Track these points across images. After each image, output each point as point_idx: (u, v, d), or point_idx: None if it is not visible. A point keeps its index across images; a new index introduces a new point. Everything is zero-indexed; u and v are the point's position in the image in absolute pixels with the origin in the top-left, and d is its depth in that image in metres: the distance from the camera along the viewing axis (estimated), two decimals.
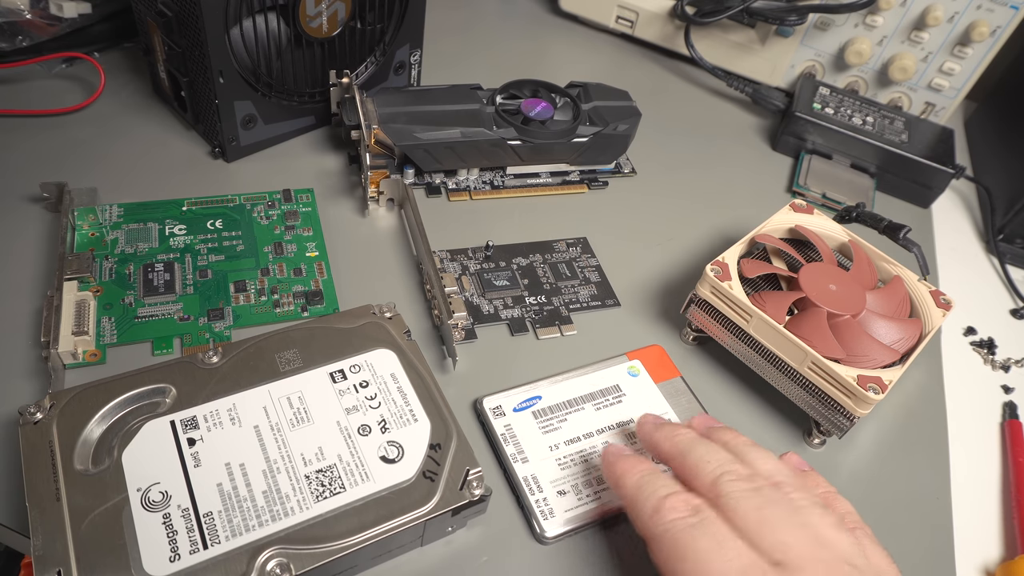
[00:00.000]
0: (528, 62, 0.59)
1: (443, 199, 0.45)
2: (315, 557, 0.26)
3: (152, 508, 0.26)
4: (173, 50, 0.40)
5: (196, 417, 0.29)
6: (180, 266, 0.37)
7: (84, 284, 0.35)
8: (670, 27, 0.60)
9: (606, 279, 0.42)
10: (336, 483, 0.28)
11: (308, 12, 0.41)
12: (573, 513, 0.31)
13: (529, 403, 0.34)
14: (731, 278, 0.35)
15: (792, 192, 0.51)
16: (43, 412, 0.28)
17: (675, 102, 0.58)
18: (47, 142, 0.43)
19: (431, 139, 0.42)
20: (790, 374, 0.34)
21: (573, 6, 0.63)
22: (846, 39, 0.56)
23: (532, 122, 0.45)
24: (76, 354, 0.33)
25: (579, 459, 0.33)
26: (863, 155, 0.52)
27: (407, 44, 0.48)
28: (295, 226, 0.41)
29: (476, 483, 0.29)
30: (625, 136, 0.47)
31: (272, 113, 0.44)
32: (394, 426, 0.30)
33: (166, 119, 0.46)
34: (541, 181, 0.47)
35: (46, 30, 0.45)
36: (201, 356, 0.31)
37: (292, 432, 0.29)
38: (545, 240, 0.43)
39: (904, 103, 0.58)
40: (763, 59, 0.59)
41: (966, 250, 0.53)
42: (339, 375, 0.31)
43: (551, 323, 0.39)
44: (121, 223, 0.39)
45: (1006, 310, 0.49)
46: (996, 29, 0.52)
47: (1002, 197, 0.54)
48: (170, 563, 0.25)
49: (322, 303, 0.37)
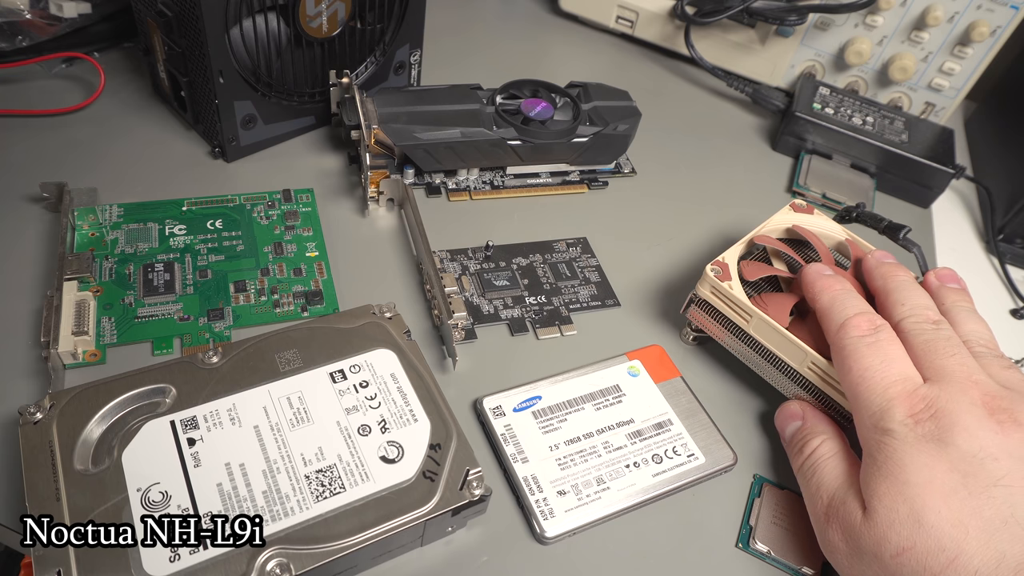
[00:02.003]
0: (528, 62, 0.59)
1: (443, 199, 0.45)
2: (315, 557, 0.26)
3: (152, 508, 0.26)
4: (173, 50, 0.40)
5: (196, 417, 0.29)
6: (180, 266, 0.37)
7: (84, 284, 0.35)
8: (670, 27, 0.60)
9: (606, 279, 0.42)
10: (336, 483, 0.28)
11: (308, 12, 0.41)
12: (573, 513, 0.31)
13: (529, 403, 0.34)
14: (731, 278, 0.35)
15: (792, 192, 0.51)
16: (43, 412, 0.28)
17: (675, 102, 0.58)
18: (47, 142, 0.43)
19: (431, 139, 0.42)
20: (790, 374, 0.34)
21: (573, 6, 0.63)
22: (846, 39, 0.56)
23: (532, 122, 0.45)
24: (76, 354, 0.33)
25: (579, 459, 0.33)
26: (863, 155, 0.52)
27: (407, 44, 0.48)
28: (295, 226, 0.41)
29: (476, 483, 0.29)
30: (625, 136, 0.47)
31: (272, 113, 0.44)
32: (394, 426, 0.30)
33: (166, 119, 0.46)
34: (541, 181, 0.47)
35: (46, 30, 0.45)
36: (201, 356, 0.31)
37: (292, 432, 0.29)
38: (545, 240, 0.43)
39: (904, 103, 0.58)
40: (763, 59, 0.59)
41: (966, 250, 0.53)
42: (339, 375, 0.31)
43: (551, 323, 0.39)
44: (121, 223, 0.39)
45: (1006, 310, 0.49)
46: (996, 29, 0.52)
47: (1002, 197, 0.54)
48: (170, 563, 0.25)
49: (322, 303, 0.37)
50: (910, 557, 0.25)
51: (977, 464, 0.26)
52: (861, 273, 0.38)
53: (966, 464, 0.26)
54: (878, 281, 0.34)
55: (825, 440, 0.31)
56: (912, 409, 0.28)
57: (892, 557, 0.26)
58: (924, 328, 0.30)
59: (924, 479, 0.26)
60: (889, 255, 0.36)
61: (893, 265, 0.35)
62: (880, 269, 0.34)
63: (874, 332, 0.30)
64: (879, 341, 0.30)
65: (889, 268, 0.34)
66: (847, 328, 0.31)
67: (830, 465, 0.30)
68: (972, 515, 0.25)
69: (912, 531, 0.25)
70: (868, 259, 0.35)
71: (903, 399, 0.28)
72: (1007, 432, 0.26)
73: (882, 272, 0.34)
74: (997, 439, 0.26)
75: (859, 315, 0.31)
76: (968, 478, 0.26)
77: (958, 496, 0.25)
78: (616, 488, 0.32)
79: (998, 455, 0.26)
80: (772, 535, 0.32)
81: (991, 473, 0.26)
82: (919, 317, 0.31)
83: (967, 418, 0.27)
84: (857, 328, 0.30)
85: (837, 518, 0.28)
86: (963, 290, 0.34)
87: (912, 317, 0.31)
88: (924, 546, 0.25)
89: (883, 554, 0.26)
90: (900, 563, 0.25)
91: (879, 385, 0.29)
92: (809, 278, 0.34)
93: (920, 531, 0.25)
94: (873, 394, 0.29)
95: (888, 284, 0.33)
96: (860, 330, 0.30)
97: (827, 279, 0.33)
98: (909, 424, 0.27)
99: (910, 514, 0.25)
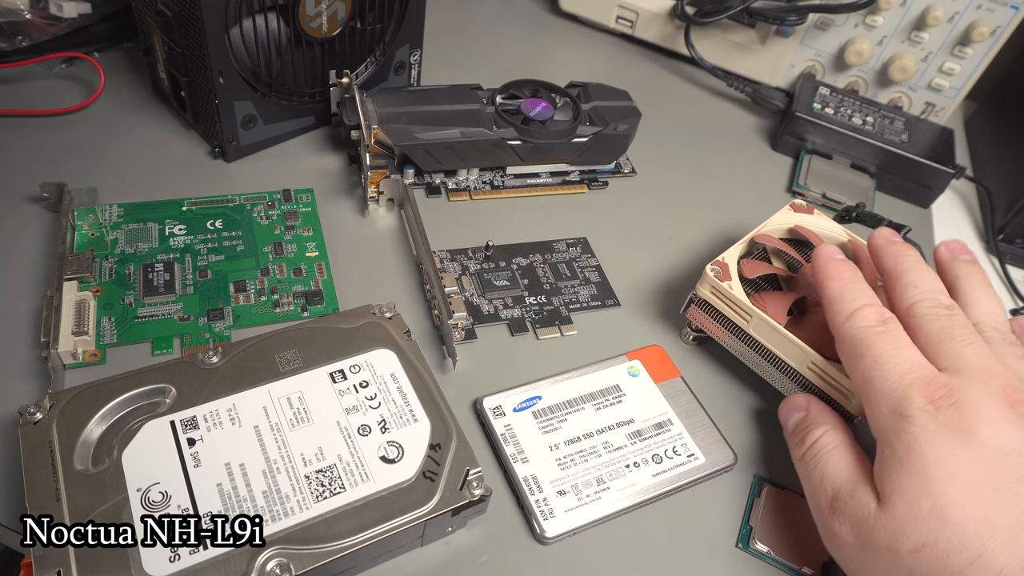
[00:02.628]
0: (528, 62, 0.59)
1: (443, 199, 0.45)
2: (315, 557, 0.26)
3: (152, 508, 0.26)
4: (173, 50, 0.40)
5: (196, 417, 0.29)
6: (180, 266, 0.37)
7: (84, 284, 0.35)
8: (670, 27, 0.60)
9: (606, 279, 0.42)
10: (336, 483, 0.28)
11: (308, 12, 0.41)
12: (573, 513, 0.31)
13: (529, 403, 0.34)
14: (731, 278, 0.35)
15: (792, 192, 0.51)
16: (43, 412, 0.28)
17: (675, 102, 0.58)
18: (47, 142, 0.43)
19: (431, 139, 0.42)
20: (790, 374, 0.34)
21: (573, 6, 0.63)
22: (846, 39, 0.56)
23: (532, 122, 0.45)
24: (76, 354, 0.33)
25: (579, 459, 0.33)
26: (863, 155, 0.52)
27: (407, 44, 0.48)
28: (295, 226, 0.41)
29: (476, 483, 0.29)
30: (625, 136, 0.47)
31: (272, 113, 0.44)
32: (394, 426, 0.30)
33: (166, 119, 0.46)
34: (541, 181, 0.47)
35: (46, 30, 0.45)
36: (201, 356, 0.31)
37: (292, 432, 0.29)
38: (545, 240, 0.43)
39: (904, 103, 0.58)
40: (763, 59, 0.59)
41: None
42: (339, 375, 0.31)
43: (551, 323, 0.39)
44: (121, 223, 0.39)
45: (1006, 310, 0.49)
46: (996, 29, 0.52)
47: (1002, 197, 0.54)
48: (170, 563, 0.25)
49: (322, 303, 0.37)
50: (930, 553, 0.24)
51: (1002, 459, 0.25)
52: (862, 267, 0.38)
53: (991, 458, 0.25)
54: (888, 260, 0.33)
55: (828, 430, 0.30)
56: (932, 396, 0.26)
57: (910, 553, 0.25)
58: (937, 314, 0.29)
59: (948, 472, 0.25)
60: (896, 234, 0.34)
61: (902, 244, 0.33)
62: (890, 248, 0.33)
63: (883, 323, 0.29)
64: (889, 331, 0.29)
65: (899, 248, 0.33)
66: (855, 318, 0.30)
67: (835, 456, 0.29)
68: (999, 512, 0.24)
69: (934, 527, 0.24)
70: (875, 237, 0.34)
71: (921, 385, 0.27)
72: None
73: (892, 251, 0.33)
74: (1021, 433, 0.25)
75: (868, 306, 0.30)
76: (994, 473, 0.25)
77: (984, 492, 0.24)
78: (616, 488, 0.32)
79: (1023, 451, 0.25)
80: (772, 535, 0.32)
81: (1017, 469, 0.25)
82: (932, 302, 0.30)
83: (990, 410, 0.26)
84: (866, 319, 0.30)
85: (844, 511, 0.27)
86: (974, 262, 0.33)
87: (925, 301, 0.30)
88: (947, 543, 0.24)
89: (900, 549, 0.25)
90: (918, 559, 0.24)
91: (895, 371, 0.27)
92: (820, 260, 0.33)
93: (943, 527, 0.24)
94: (889, 380, 0.27)
95: (899, 265, 0.32)
96: (869, 320, 0.30)
97: (838, 264, 0.33)
98: (930, 411, 0.26)
99: (933, 509, 0.25)
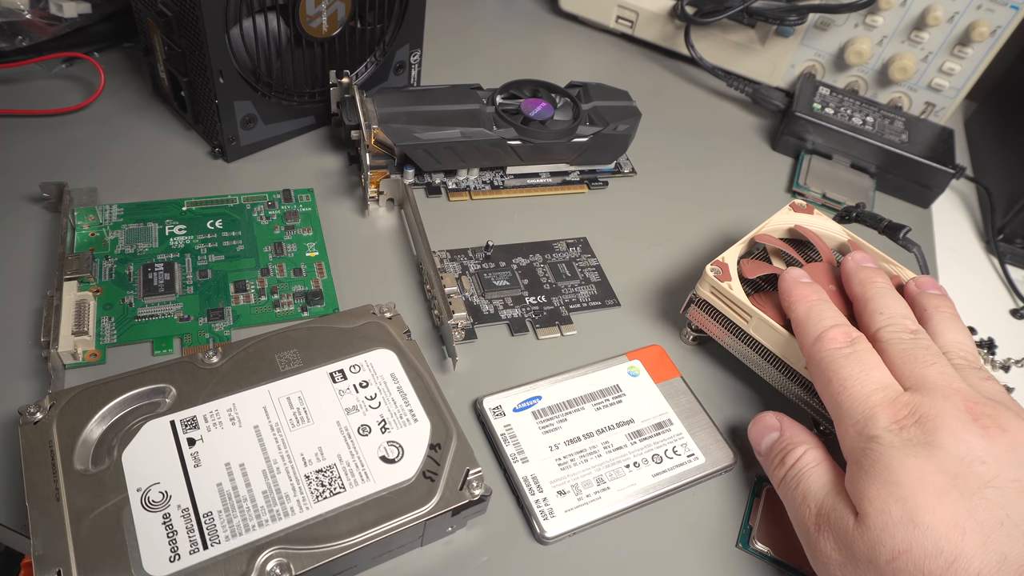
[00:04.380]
0: (528, 62, 0.59)
1: (443, 199, 0.45)
2: (315, 557, 0.26)
3: (152, 508, 0.26)
4: (173, 50, 0.40)
5: (196, 417, 0.29)
6: (180, 266, 0.37)
7: (84, 284, 0.35)
8: (670, 27, 0.60)
9: (606, 279, 0.42)
10: (336, 483, 0.28)
11: (308, 12, 0.41)
12: (573, 513, 0.31)
13: (529, 403, 0.34)
14: (731, 278, 0.35)
15: (792, 192, 0.51)
16: (43, 412, 0.28)
17: (675, 102, 0.58)
18: (47, 142, 0.43)
19: (431, 139, 0.42)
20: (790, 374, 0.34)
21: (573, 6, 0.63)
22: (846, 39, 0.56)
23: (532, 122, 0.45)
24: (76, 354, 0.33)
25: (579, 459, 0.33)
26: (863, 155, 0.52)
27: (407, 44, 0.48)
28: (295, 226, 0.41)
29: (476, 483, 0.29)
30: (625, 136, 0.47)
31: (272, 113, 0.44)
32: (394, 426, 0.30)
33: (166, 119, 0.46)
34: (541, 181, 0.47)
35: (46, 30, 0.45)
36: (201, 356, 0.31)
37: (292, 432, 0.29)
38: (545, 240, 0.43)
39: (904, 103, 0.58)
40: (763, 59, 0.59)
41: (966, 250, 0.53)
42: (339, 375, 0.31)
43: (551, 323, 0.39)
44: (121, 223, 0.39)
45: (1006, 310, 0.49)
46: (996, 29, 0.52)
47: (1002, 197, 0.54)
48: (170, 563, 0.25)
49: (322, 303, 0.37)
50: (907, 560, 0.25)
51: (966, 466, 0.25)
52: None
53: (955, 466, 0.26)
54: (856, 287, 0.34)
55: (808, 449, 0.30)
56: (896, 416, 0.27)
57: (888, 562, 0.25)
58: (902, 337, 0.30)
59: (915, 479, 0.25)
60: (868, 258, 0.35)
61: (871, 270, 0.34)
62: (859, 275, 0.34)
63: (851, 344, 0.30)
64: (856, 352, 0.30)
65: (868, 273, 0.34)
66: (823, 341, 0.30)
67: (816, 474, 0.29)
68: (967, 516, 0.25)
69: (907, 533, 0.25)
70: (847, 263, 0.35)
71: (885, 406, 0.28)
72: (992, 437, 0.26)
73: (860, 278, 0.34)
74: (983, 442, 0.26)
75: (835, 327, 0.31)
76: (958, 479, 0.25)
77: (951, 497, 0.25)
78: (616, 488, 0.32)
79: (985, 458, 0.26)
80: (772, 535, 0.32)
81: (981, 475, 0.25)
82: (897, 327, 0.31)
83: (952, 422, 0.26)
84: (833, 340, 0.30)
85: (828, 526, 0.27)
86: (943, 295, 0.34)
87: (890, 327, 0.31)
88: (921, 548, 0.25)
89: (879, 559, 0.25)
90: (897, 567, 0.25)
91: (860, 393, 0.28)
92: (786, 285, 0.34)
93: (915, 532, 0.25)
94: (855, 403, 0.28)
95: (867, 292, 0.33)
96: (836, 342, 0.30)
97: (803, 287, 0.33)
98: (894, 430, 0.27)
99: (904, 515, 0.25)
